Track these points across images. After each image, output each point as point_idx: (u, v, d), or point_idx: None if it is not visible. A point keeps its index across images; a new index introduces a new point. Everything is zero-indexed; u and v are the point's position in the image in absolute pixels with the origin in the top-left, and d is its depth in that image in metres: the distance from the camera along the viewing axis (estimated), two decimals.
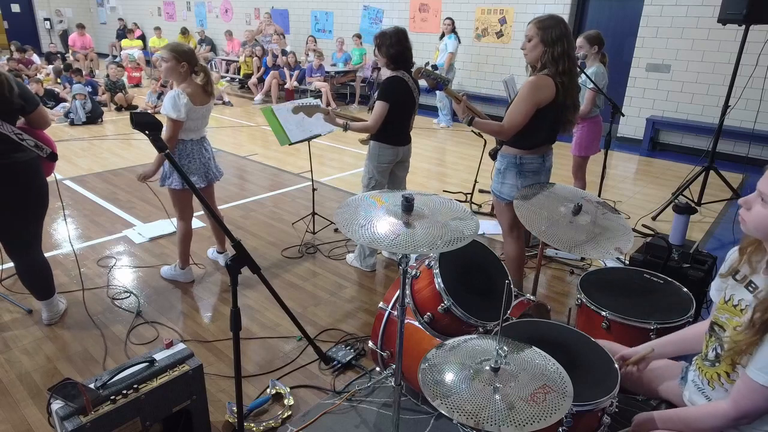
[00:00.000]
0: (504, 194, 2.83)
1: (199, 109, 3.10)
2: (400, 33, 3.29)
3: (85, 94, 8.13)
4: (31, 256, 2.82)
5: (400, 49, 3.28)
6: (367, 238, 1.55)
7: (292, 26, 12.18)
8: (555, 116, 2.67)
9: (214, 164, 3.37)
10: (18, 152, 2.55)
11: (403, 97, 3.33)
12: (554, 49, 2.54)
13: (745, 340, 1.40)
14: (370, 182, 3.48)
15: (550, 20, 2.55)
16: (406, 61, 3.35)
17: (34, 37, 16.70)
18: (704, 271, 2.73)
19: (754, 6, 4.18)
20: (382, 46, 3.29)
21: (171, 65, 3.04)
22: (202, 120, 3.19)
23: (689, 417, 1.57)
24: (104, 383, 1.83)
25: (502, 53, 8.85)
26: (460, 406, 1.37)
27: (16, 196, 2.62)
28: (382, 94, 3.28)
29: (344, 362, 2.65)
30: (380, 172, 3.44)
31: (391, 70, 3.35)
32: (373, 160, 3.42)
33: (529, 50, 2.62)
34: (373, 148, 3.42)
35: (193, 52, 3.12)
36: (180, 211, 3.30)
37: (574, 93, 2.67)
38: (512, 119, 2.60)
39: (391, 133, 3.37)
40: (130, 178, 5.63)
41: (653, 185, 5.85)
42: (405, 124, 3.45)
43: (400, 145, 3.43)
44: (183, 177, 1.88)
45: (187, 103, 3.00)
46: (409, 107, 3.42)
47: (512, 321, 2.11)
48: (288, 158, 6.54)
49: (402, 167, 3.60)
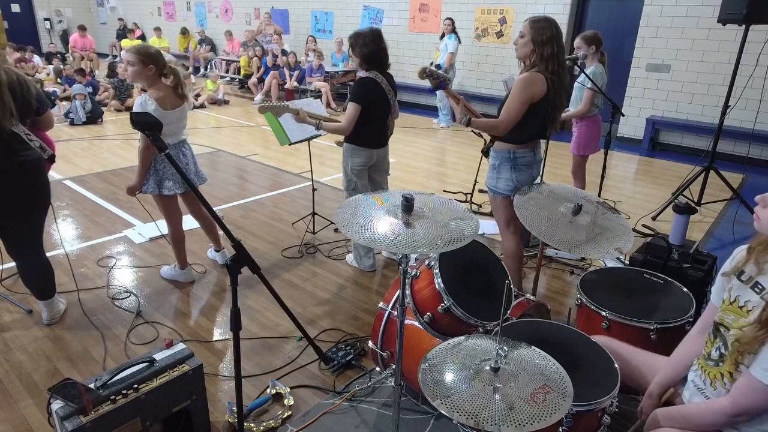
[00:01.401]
0: (500, 189, 2.88)
1: (171, 113, 3.01)
2: (374, 33, 3.24)
3: (85, 94, 8.13)
4: (35, 256, 2.83)
5: (374, 48, 3.22)
6: (367, 238, 1.55)
7: (292, 26, 12.18)
8: (546, 112, 2.76)
9: (194, 169, 3.29)
10: (26, 151, 2.59)
11: (375, 99, 3.26)
12: (543, 50, 2.65)
13: (752, 336, 1.40)
14: (350, 185, 3.46)
15: (544, 21, 2.66)
16: (380, 62, 3.28)
17: (34, 37, 16.70)
18: (704, 271, 2.73)
19: (754, 6, 4.18)
20: (356, 45, 3.24)
21: (137, 69, 2.89)
22: (176, 124, 3.10)
23: (690, 413, 1.57)
24: (104, 383, 1.83)
25: (502, 53, 8.85)
26: (460, 406, 1.37)
27: (25, 195, 2.65)
28: (353, 95, 3.23)
29: (344, 362, 2.65)
30: (356, 174, 3.40)
31: (365, 71, 3.30)
32: (347, 162, 3.39)
33: (520, 47, 2.73)
34: (346, 150, 3.38)
35: (160, 53, 2.99)
36: (165, 215, 3.27)
37: (561, 94, 2.77)
38: (507, 115, 2.68)
39: (364, 135, 3.31)
40: (130, 178, 5.61)
41: (653, 185, 5.85)
42: (380, 126, 3.38)
43: (373, 147, 3.38)
44: (183, 177, 1.88)
45: (156, 108, 2.91)
46: (384, 109, 3.34)
47: (512, 321, 2.11)
48: (288, 158, 6.54)
49: (379, 170, 3.54)
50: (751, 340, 1.41)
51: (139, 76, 2.94)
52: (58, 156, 2.79)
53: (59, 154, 6.45)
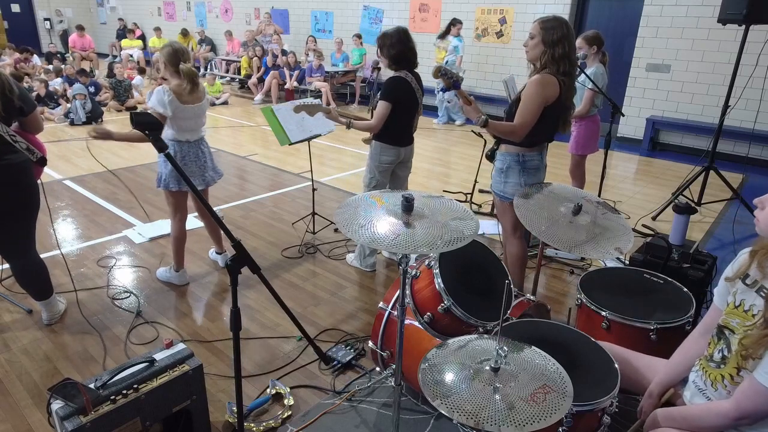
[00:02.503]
0: (507, 193, 2.81)
1: (188, 108, 3.06)
2: (401, 33, 3.28)
3: (85, 94, 8.12)
4: (26, 258, 2.81)
5: (401, 48, 3.27)
6: (367, 238, 1.55)
7: (292, 26, 12.18)
8: (558, 114, 2.72)
9: (211, 167, 3.35)
10: (11, 154, 2.55)
11: (405, 97, 3.32)
12: (554, 50, 2.57)
13: (757, 337, 1.40)
14: (371, 182, 3.48)
15: (554, 21, 2.59)
16: (408, 61, 3.33)
17: (34, 37, 16.70)
18: (704, 271, 2.73)
19: (754, 6, 4.18)
20: (384, 47, 3.28)
21: (161, 66, 3.05)
22: (194, 120, 3.14)
23: (691, 414, 1.57)
24: (104, 383, 1.83)
25: (502, 53, 8.85)
26: (460, 406, 1.37)
27: (9, 198, 2.61)
28: (384, 94, 3.27)
29: (344, 362, 2.65)
30: (381, 172, 3.44)
31: (394, 71, 3.34)
32: (375, 160, 3.42)
33: (531, 48, 2.66)
34: (374, 147, 3.42)
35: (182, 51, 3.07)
36: (173, 211, 3.29)
37: (571, 95, 2.73)
38: (523, 119, 2.61)
39: (393, 133, 3.37)
40: (131, 178, 5.63)
41: (653, 185, 5.85)
42: (408, 124, 3.44)
43: (401, 145, 3.43)
44: (184, 178, 1.88)
45: (173, 100, 2.97)
46: (412, 108, 3.41)
47: (512, 321, 2.11)
48: (288, 158, 6.54)
49: (404, 167, 3.60)
50: (755, 342, 1.41)
51: (166, 73, 3.07)
52: (58, 156, 2.79)
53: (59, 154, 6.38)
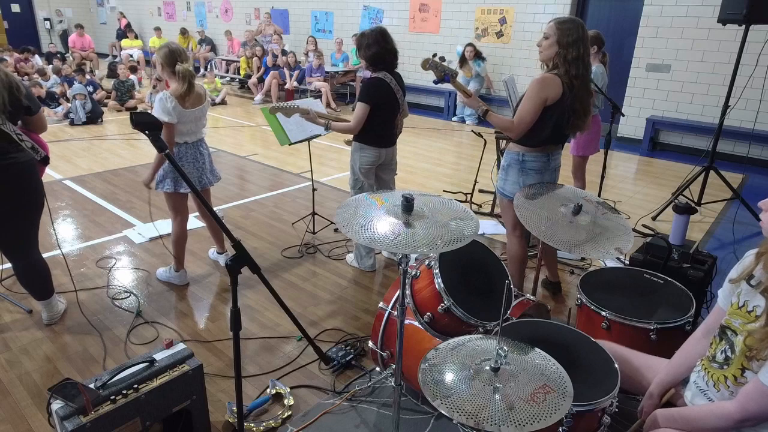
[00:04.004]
0: (507, 191, 2.85)
1: (190, 111, 3.05)
2: (378, 33, 3.19)
3: (85, 94, 8.12)
4: (29, 257, 2.82)
5: (378, 49, 3.20)
6: (367, 238, 1.55)
7: (292, 26, 12.18)
8: (560, 116, 2.67)
9: (210, 168, 3.34)
10: (17, 152, 2.57)
11: (384, 99, 3.26)
12: (568, 52, 2.55)
13: (761, 336, 1.40)
14: (356, 183, 3.45)
15: (571, 23, 2.56)
16: (386, 62, 3.26)
17: (34, 37, 16.69)
18: (704, 271, 2.73)
19: (754, 6, 4.18)
20: (360, 47, 3.23)
21: (159, 69, 3.03)
22: (195, 123, 3.14)
23: (692, 415, 1.56)
24: (104, 383, 1.83)
25: (502, 53, 8.85)
26: (460, 406, 1.37)
27: (14, 196, 2.62)
28: (361, 95, 3.24)
29: (344, 362, 2.65)
30: (363, 173, 3.40)
31: (372, 72, 3.29)
32: (355, 161, 3.39)
33: (544, 48, 2.64)
34: (354, 148, 3.39)
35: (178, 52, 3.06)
36: (173, 213, 3.29)
37: (585, 98, 2.66)
38: (521, 117, 2.62)
39: (373, 135, 3.32)
40: (130, 178, 5.62)
41: (653, 185, 5.85)
42: (388, 125, 3.38)
43: (382, 146, 3.38)
44: (183, 178, 1.88)
45: (176, 106, 2.96)
46: (392, 109, 3.35)
47: (512, 321, 2.11)
48: (288, 158, 6.53)
49: (387, 169, 3.55)
50: (759, 341, 1.41)
51: (163, 74, 3.07)
52: (59, 156, 2.80)
53: (59, 154, 6.39)
